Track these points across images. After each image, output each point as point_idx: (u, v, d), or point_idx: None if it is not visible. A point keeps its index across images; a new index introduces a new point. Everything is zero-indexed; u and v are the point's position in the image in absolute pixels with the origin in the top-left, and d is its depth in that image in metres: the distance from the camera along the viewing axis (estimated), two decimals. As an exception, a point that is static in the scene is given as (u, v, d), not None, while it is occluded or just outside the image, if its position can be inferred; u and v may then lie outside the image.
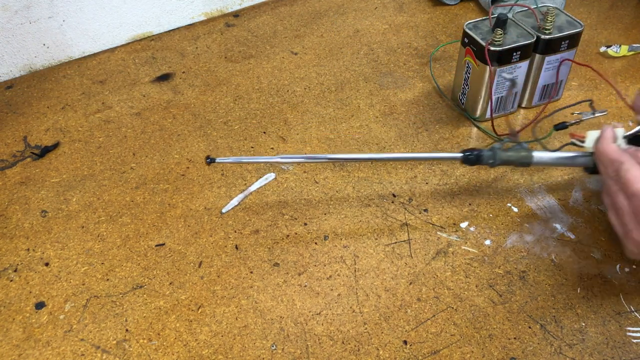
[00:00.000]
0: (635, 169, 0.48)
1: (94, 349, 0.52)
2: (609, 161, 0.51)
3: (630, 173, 0.48)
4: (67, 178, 0.70)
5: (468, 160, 0.59)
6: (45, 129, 0.78)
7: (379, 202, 0.65)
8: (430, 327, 0.53)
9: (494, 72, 0.69)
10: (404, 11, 1.00)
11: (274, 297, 0.56)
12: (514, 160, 0.59)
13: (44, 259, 0.60)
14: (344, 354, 0.51)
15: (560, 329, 0.52)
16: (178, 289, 0.57)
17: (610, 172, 0.50)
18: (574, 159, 0.59)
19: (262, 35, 0.95)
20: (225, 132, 0.76)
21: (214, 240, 0.62)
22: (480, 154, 0.58)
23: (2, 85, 0.86)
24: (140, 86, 0.85)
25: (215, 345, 0.52)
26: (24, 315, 0.55)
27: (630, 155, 0.50)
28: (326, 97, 0.81)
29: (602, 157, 0.52)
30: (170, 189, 0.68)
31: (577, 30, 0.71)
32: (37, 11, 0.85)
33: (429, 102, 0.79)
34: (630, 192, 0.48)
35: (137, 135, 0.76)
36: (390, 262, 0.59)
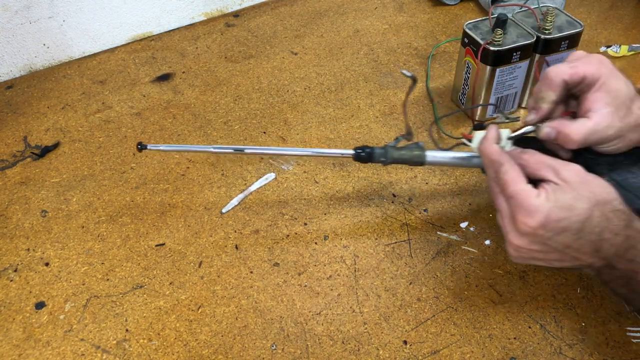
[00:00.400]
0: (513, 171, 0.47)
1: (94, 349, 0.52)
2: (489, 162, 0.49)
3: (508, 175, 0.47)
4: (67, 178, 0.70)
5: (360, 157, 0.57)
6: (46, 129, 0.78)
7: (379, 202, 0.65)
8: (430, 327, 0.53)
9: (491, 72, 0.69)
10: (404, 11, 1.00)
11: (274, 297, 0.56)
12: (407, 159, 0.57)
13: (44, 259, 0.60)
14: (344, 354, 0.51)
15: (560, 329, 0.52)
16: (178, 289, 0.57)
17: (491, 173, 0.49)
18: (470, 159, 0.57)
19: (262, 35, 0.95)
20: (225, 132, 0.76)
21: (214, 240, 0.62)
22: (372, 151, 0.57)
23: (2, 85, 0.86)
24: (140, 86, 0.85)
25: (215, 345, 0.52)
26: (24, 315, 0.55)
27: (513, 156, 0.49)
28: (326, 97, 0.81)
29: (483, 158, 0.51)
30: (170, 189, 0.68)
31: (577, 30, 0.71)
32: (37, 11, 0.85)
33: (429, 102, 0.79)
34: (507, 194, 0.47)
35: (137, 135, 0.76)
36: (390, 262, 0.59)
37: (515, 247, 0.47)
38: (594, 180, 0.46)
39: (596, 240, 0.45)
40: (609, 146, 0.51)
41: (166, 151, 0.70)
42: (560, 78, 0.50)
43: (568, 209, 0.44)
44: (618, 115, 0.49)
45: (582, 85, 0.51)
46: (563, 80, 0.50)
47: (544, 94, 0.51)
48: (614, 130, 0.50)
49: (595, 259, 0.46)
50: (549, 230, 0.44)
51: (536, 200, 0.45)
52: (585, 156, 0.53)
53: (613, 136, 0.50)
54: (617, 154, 0.52)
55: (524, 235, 0.46)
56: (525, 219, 0.45)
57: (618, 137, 0.50)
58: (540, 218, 0.44)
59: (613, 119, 0.49)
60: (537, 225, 0.44)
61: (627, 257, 0.45)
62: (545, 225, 0.44)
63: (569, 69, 0.50)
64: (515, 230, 0.46)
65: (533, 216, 0.44)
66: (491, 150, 0.50)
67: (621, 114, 0.49)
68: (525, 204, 0.45)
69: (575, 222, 0.44)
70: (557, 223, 0.44)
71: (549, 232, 0.45)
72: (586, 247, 0.45)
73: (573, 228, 0.44)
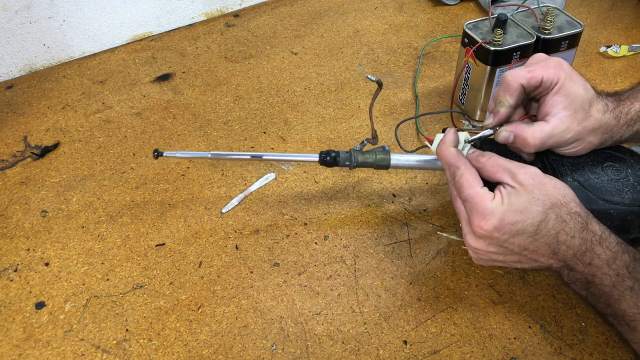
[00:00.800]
0: (469, 174, 0.47)
1: (94, 349, 0.52)
2: (446, 165, 0.50)
3: (463, 178, 0.47)
4: (67, 178, 0.70)
5: (325, 162, 0.58)
6: (46, 129, 0.78)
7: (379, 202, 0.65)
8: (430, 327, 0.53)
9: (490, 72, 0.69)
10: (404, 11, 1.00)
11: (274, 297, 0.56)
12: (372, 163, 0.58)
13: (44, 259, 0.60)
14: (344, 354, 0.51)
15: (560, 329, 0.52)
16: (178, 289, 0.57)
17: (448, 176, 0.50)
18: (434, 162, 0.58)
19: (262, 35, 0.95)
20: (225, 132, 0.76)
21: (214, 240, 0.62)
22: (336, 156, 0.58)
23: (2, 85, 0.86)
24: (140, 86, 0.85)
25: (215, 345, 0.52)
26: (24, 315, 0.55)
27: (471, 159, 0.49)
28: (326, 97, 0.81)
29: (441, 161, 0.51)
30: (170, 189, 0.68)
31: (577, 30, 0.71)
32: (37, 11, 0.85)
33: (429, 102, 0.79)
34: (463, 197, 0.47)
35: (137, 135, 0.76)
36: (390, 262, 0.59)
37: (474, 249, 0.48)
38: (551, 182, 0.46)
39: (552, 242, 0.45)
40: (568, 149, 0.52)
41: (182, 158, 0.70)
42: (517, 82, 0.50)
43: (522, 212, 0.45)
44: (576, 118, 0.50)
45: (541, 89, 0.51)
46: (520, 85, 0.50)
47: (501, 98, 0.52)
48: (572, 133, 0.50)
49: (554, 261, 0.46)
50: (504, 233, 0.45)
51: (491, 204, 0.45)
52: (549, 157, 0.54)
53: (571, 139, 0.50)
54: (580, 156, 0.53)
55: (480, 237, 0.46)
56: (480, 222, 0.45)
57: (577, 140, 0.51)
58: (495, 221, 0.45)
59: (571, 123, 0.50)
60: (492, 228, 0.45)
61: (585, 260, 0.45)
62: (500, 228, 0.45)
63: (526, 73, 0.50)
64: (472, 232, 0.47)
65: (487, 219, 0.45)
66: (448, 153, 0.50)
67: (579, 117, 0.50)
68: (480, 207, 0.45)
69: (530, 224, 0.44)
70: (511, 226, 0.45)
71: (504, 235, 0.45)
72: (543, 249, 0.45)
73: (528, 230, 0.45)
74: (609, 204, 0.51)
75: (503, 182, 0.47)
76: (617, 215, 0.51)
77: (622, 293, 0.44)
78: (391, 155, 0.58)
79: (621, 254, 0.45)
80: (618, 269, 0.44)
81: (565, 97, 0.50)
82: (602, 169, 0.53)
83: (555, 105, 0.50)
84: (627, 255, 0.45)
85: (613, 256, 0.44)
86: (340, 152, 0.58)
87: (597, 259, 0.44)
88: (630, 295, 0.43)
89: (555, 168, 0.53)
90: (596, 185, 0.52)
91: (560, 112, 0.50)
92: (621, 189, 0.52)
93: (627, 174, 0.53)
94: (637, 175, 0.53)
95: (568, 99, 0.49)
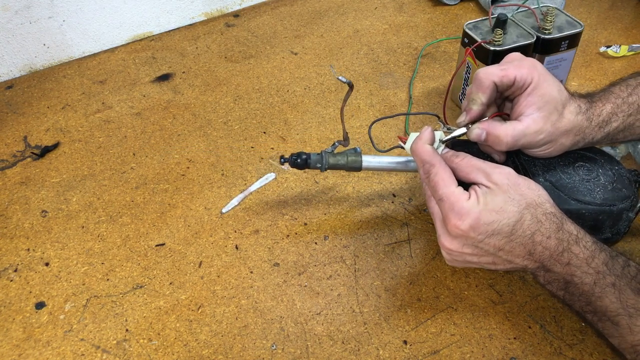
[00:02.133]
0: (444, 173, 0.47)
1: (94, 349, 0.52)
2: (421, 162, 0.49)
3: (439, 176, 0.47)
4: (67, 178, 0.70)
5: (295, 164, 0.58)
6: (46, 129, 0.78)
7: (379, 202, 0.65)
8: (430, 327, 0.53)
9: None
10: (404, 11, 1.00)
11: (274, 297, 0.56)
12: (343, 165, 0.58)
13: (44, 259, 0.60)
14: (344, 354, 0.51)
15: (560, 329, 0.52)
16: (178, 289, 0.57)
17: (422, 174, 0.49)
18: (407, 164, 0.58)
19: (262, 35, 0.95)
20: (225, 132, 0.76)
21: (214, 240, 0.62)
22: (307, 158, 0.58)
23: (2, 85, 0.86)
24: (140, 86, 0.85)
25: (215, 345, 0.52)
26: (24, 315, 0.55)
27: (445, 159, 0.49)
28: (326, 97, 0.81)
29: (415, 158, 0.50)
30: (170, 189, 0.68)
31: (577, 30, 0.71)
32: (37, 11, 0.85)
33: (428, 102, 0.79)
34: (438, 196, 0.47)
35: (137, 135, 0.76)
36: (390, 262, 0.59)
37: (448, 250, 0.47)
38: (525, 182, 0.46)
39: (528, 243, 0.45)
40: (540, 150, 0.52)
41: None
42: (490, 80, 0.50)
43: (498, 212, 0.44)
44: (550, 120, 0.49)
45: (514, 88, 0.50)
46: (493, 82, 0.50)
47: (474, 95, 0.51)
48: (544, 134, 0.50)
49: (529, 262, 0.46)
50: (480, 233, 0.45)
51: (466, 204, 0.45)
52: (520, 158, 0.54)
53: (543, 140, 0.50)
54: None
55: (455, 237, 0.46)
56: (456, 221, 0.45)
57: (549, 142, 0.51)
58: (471, 221, 0.44)
59: (545, 124, 0.49)
60: (468, 227, 0.45)
61: (563, 261, 0.45)
62: (476, 227, 0.44)
63: (499, 71, 0.50)
64: (447, 233, 0.47)
65: (463, 219, 0.45)
66: (423, 150, 0.49)
67: (553, 118, 0.50)
68: (456, 206, 0.45)
69: (505, 224, 0.44)
70: (487, 226, 0.44)
71: (479, 235, 0.45)
72: (518, 250, 0.45)
73: (504, 231, 0.44)
74: (580, 204, 0.51)
75: (478, 182, 0.47)
76: (589, 215, 0.51)
77: (603, 290, 0.44)
78: (363, 157, 0.58)
79: (598, 252, 0.45)
80: (597, 266, 0.44)
81: (540, 98, 0.49)
82: (573, 169, 0.53)
83: (529, 106, 0.50)
84: (604, 254, 0.45)
85: (591, 255, 0.45)
86: (312, 154, 0.58)
87: (576, 258, 0.44)
88: (612, 291, 0.44)
89: (527, 169, 0.54)
90: (568, 185, 0.52)
91: (533, 113, 0.49)
92: (592, 189, 0.52)
93: (598, 174, 0.53)
94: (608, 175, 0.53)
95: (542, 100, 0.49)
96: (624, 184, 0.53)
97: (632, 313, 0.43)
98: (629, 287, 0.43)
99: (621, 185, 0.53)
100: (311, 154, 0.58)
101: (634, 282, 0.44)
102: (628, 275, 0.44)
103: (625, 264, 0.45)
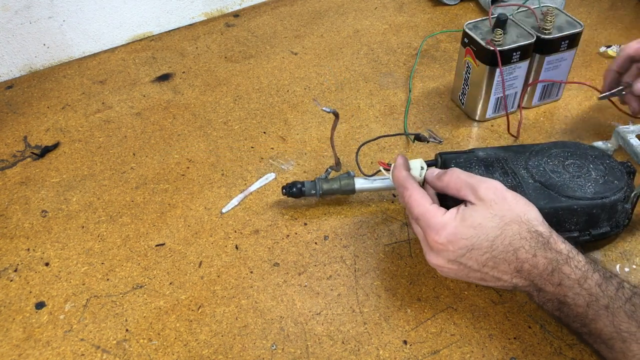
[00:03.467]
0: (416, 194, 0.49)
1: (94, 349, 0.52)
2: (397, 187, 0.52)
3: (412, 198, 0.49)
4: (67, 178, 0.70)
5: (291, 193, 0.61)
6: (46, 129, 0.78)
7: (379, 202, 0.65)
8: (430, 327, 0.53)
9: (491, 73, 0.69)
10: (404, 11, 1.00)
11: (274, 297, 0.56)
12: (337, 189, 0.61)
13: (44, 259, 0.60)
14: (344, 354, 0.51)
15: (560, 329, 0.52)
16: (178, 289, 0.57)
17: (401, 200, 0.51)
18: None
19: (262, 35, 0.95)
20: (225, 132, 0.76)
21: (214, 240, 0.62)
22: (302, 186, 0.61)
23: (2, 85, 0.86)
24: (140, 86, 0.85)
25: (215, 345, 0.52)
26: (24, 315, 0.55)
27: (434, 179, 0.51)
28: (326, 97, 0.81)
29: (395, 185, 0.53)
30: (170, 189, 0.68)
31: (577, 30, 0.71)
32: (37, 11, 0.85)
33: (429, 102, 0.79)
34: (414, 216, 0.48)
35: (137, 135, 0.76)
36: (390, 262, 0.59)
37: (435, 266, 0.48)
38: (514, 198, 0.46)
39: (512, 260, 0.45)
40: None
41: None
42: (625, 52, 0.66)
43: (476, 227, 0.45)
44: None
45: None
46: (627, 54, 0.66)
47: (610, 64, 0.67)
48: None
49: (518, 279, 0.45)
50: (460, 248, 0.45)
51: (442, 218, 0.46)
52: (510, 163, 0.56)
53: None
54: None
55: (438, 253, 0.47)
56: (434, 236, 0.46)
57: None
58: (447, 234, 0.45)
59: None
60: (445, 241, 0.45)
61: (554, 281, 0.44)
62: (454, 242, 0.45)
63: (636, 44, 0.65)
64: (430, 249, 0.48)
65: (440, 233, 0.46)
66: (398, 176, 0.51)
67: None
68: (432, 222, 0.46)
69: (484, 239, 0.45)
70: (465, 240, 0.45)
71: (459, 249, 0.45)
72: (503, 266, 0.45)
73: (483, 245, 0.45)
74: (571, 200, 0.51)
75: (466, 199, 0.47)
76: (582, 210, 0.52)
77: (597, 312, 0.43)
78: (356, 180, 0.61)
79: (591, 273, 0.44)
80: (590, 288, 0.43)
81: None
82: (563, 168, 0.54)
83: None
84: (597, 274, 0.44)
85: (583, 275, 0.44)
86: (306, 182, 0.61)
87: (567, 279, 0.44)
88: (605, 315, 0.42)
89: (515, 172, 0.54)
90: (558, 184, 0.53)
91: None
92: (583, 184, 0.53)
93: (589, 169, 0.54)
94: (599, 170, 0.54)
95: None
96: (616, 176, 0.53)
97: (626, 337, 0.42)
98: (622, 310, 0.42)
99: (613, 178, 0.53)
100: (305, 182, 0.61)
101: (628, 304, 0.42)
102: (622, 298, 0.43)
103: (620, 285, 0.44)
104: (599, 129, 0.74)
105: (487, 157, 0.56)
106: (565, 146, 0.57)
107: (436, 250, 0.47)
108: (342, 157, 0.69)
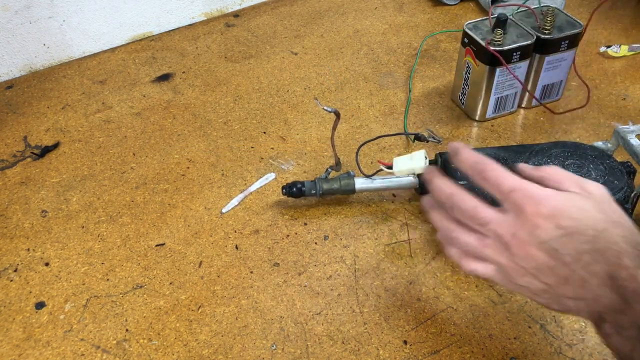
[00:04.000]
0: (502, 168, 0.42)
1: (94, 349, 0.52)
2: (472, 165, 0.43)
3: (499, 171, 0.41)
4: (67, 178, 0.70)
5: (291, 193, 0.62)
6: (46, 129, 0.78)
7: (379, 202, 0.65)
8: (430, 327, 0.53)
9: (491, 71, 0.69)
10: (404, 11, 1.00)
11: (274, 297, 0.56)
12: (337, 189, 0.62)
13: (44, 259, 0.60)
14: (344, 354, 0.51)
15: (560, 329, 0.52)
16: (178, 289, 0.57)
17: (477, 177, 0.43)
18: (399, 181, 0.61)
19: (262, 35, 0.95)
20: (225, 132, 0.76)
21: (214, 240, 0.62)
22: (302, 186, 0.61)
23: (2, 85, 0.86)
24: (140, 86, 0.85)
25: (215, 345, 0.52)
26: (24, 315, 0.55)
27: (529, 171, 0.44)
28: (326, 97, 0.81)
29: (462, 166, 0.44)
30: (170, 189, 0.68)
31: (577, 30, 0.71)
32: (37, 11, 0.85)
33: (429, 102, 0.79)
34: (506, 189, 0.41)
35: (137, 135, 0.76)
36: (390, 262, 0.59)
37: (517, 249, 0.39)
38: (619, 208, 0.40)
39: (613, 262, 0.37)
40: None
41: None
42: None
43: (582, 210, 0.38)
44: None
45: None
46: None
47: None
48: None
49: (605, 290, 0.37)
50: (560, 227, 0.38)
51: (544, 191, 0.39)
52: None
53: None
54: None
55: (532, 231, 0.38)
56: (536, 206, 0.38)
57: None
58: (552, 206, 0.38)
59: None
60: (548, 212, 0.38)
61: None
62: (557, 216, 0.38)
63: None
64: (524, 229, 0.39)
65: (543, 203, 0.38)
66: (471, 154, 0.43)
67: None
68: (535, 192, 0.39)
69: (589, 226, 0.38)
70: (569, 220, 0.38)
71: (559, 229, 0.38)
72: (598, 267, 0.37)
73: (587, 233, 0.37)
74: None
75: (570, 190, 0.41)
76: None
77: None
78: (355, 179, 0.62)
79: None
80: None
81: None
82: (563, 167, 0.54)
83: None
84: None
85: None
86: (306, 182, 0.61)
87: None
88: None
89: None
90: None
91: None
92: None
93: (589, 169, 0.55)
94: (599, 170, 0.55)
95: None
96: (616, 176, 0.54)
97: None
98: None
99: (613, 178, 0.53)
100: (305, 182, 0.61)
101: None
102: None
103: None
104: (598, 129, 0.74)
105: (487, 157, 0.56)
106: (565, 146, 0.57)
107: (531, 226, 0.38)
108: (342, 157, 0.69)
